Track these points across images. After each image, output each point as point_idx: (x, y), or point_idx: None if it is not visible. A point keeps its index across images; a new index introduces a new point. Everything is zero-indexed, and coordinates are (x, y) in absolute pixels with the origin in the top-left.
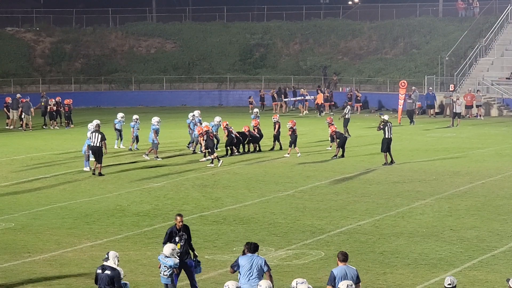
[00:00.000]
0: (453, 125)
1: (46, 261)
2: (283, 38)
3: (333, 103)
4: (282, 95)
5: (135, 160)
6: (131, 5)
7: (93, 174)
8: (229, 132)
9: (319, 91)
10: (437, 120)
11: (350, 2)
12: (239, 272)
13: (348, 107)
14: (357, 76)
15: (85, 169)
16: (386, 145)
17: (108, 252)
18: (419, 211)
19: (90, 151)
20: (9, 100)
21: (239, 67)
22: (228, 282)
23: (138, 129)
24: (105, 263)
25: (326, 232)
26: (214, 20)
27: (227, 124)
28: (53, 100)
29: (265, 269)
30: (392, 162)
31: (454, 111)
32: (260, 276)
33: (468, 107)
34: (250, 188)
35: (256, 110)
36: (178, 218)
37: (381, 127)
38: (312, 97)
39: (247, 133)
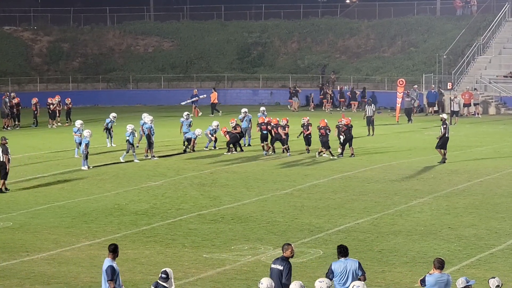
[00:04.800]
0: (451, 123)
1: (45, 260)
2: (281, 37)
3: (344, 99)
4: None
5: (131, 159)
6: (129, 4)
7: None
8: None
9: (213, 90)
10: (435, 118)
11: (347, 1)
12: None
13: (372, 105)
14: (355, 74)
15: (83, 168)
16: (443, 142)
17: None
18: (417, 209)
19: None
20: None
21: (237, 66)
22: (295, 283)
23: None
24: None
25: (324, 230)
26: (212, 19)
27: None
28: (53, 99)
29: (360, 273)
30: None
31: (452, 109)
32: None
33: (466, 105)
34: (248, 186)
35: (262, 108)
36: (289, 247)
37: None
38: (205, 95)
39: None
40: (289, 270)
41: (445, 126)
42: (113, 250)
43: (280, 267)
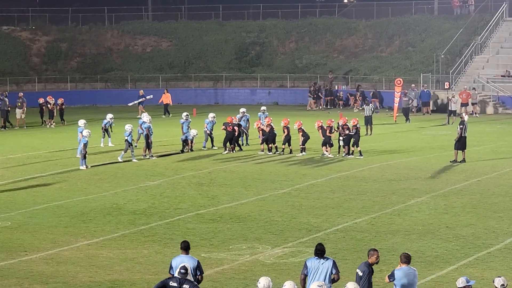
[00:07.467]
0: (448, 123)
1: (43, 260)
2: (279, 37)
3: (359, 97)
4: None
5: (130, 159)
6: (127, 4)
7: None
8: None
9: (166, 91)
10: (433, 118)
11: (345, 0)
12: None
13: (370, 105)
14: (353, 74)
15: (81, 167)
16: (461, 143)
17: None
18: (415, 208)
19: None
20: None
21: (235, 66)
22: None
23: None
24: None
25: (322, 230)
26: (210, 18)
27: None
28: (53, 99)
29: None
30: (462, 160)
31: (450, 108)
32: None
33: (464, 104)
34: (246, 186)
35: (263, 108)
36: (375, 253)
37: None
38: (151, 96)
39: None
40: (367, 276)
41: (461, 126)
42: (187, 247)
43: (360, 273)
